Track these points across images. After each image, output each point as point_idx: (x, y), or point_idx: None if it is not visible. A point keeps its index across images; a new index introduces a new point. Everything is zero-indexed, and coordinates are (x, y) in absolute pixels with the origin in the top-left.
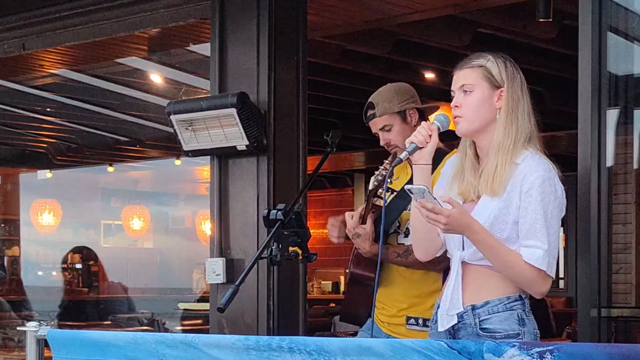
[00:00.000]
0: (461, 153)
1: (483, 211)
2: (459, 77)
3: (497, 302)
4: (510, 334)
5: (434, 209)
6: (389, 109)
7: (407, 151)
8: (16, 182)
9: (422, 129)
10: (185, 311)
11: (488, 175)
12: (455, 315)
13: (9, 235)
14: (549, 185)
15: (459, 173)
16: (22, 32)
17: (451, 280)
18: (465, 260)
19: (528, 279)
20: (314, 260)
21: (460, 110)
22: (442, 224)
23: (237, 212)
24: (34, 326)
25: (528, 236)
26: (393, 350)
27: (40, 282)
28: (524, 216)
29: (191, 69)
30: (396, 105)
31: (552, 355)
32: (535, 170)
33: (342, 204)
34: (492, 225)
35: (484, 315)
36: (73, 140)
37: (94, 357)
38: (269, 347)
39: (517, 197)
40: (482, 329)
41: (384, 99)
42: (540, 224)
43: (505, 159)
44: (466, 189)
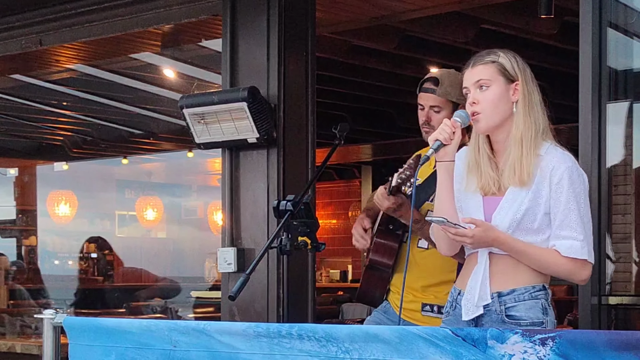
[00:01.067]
0: (474, 148)
1: (511, 204)
2: (473, 73)
3: (523, 291)
4: (535, 322)
5: (457, 233)
6: (450, 94)
7: (432, 149)
8: (33, 174)
9: (445, 127)
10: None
11: (514, 166)
12: (482, 307)
13: (26, 226)
14: (577, 175)
15: (476, 168)
16: (39, 28)
17: (479, 271)
18: (492, 251)
19: (569, 270)
20: (322, 250)
21: (478, 106)
22: (468, 244)
23: (247, 203)
24: (51, 314)
25: (563, 227)
26: (399, 337)
27: (57, 271)
28: (557, 207)
29: (203, 64)
30: (457, 95)
31: (553, 341)
32: (563, 162)
33: (350, 195)
34: (523, 217)
35: (510, 303)
36: (88, 133)
37: (109, 343)
38: (279, 334)
39: (546, 188)
40: (508, 316)
41: (450, 83)
42: (575, 214)
43: (529, 149)
44: (486, 183)
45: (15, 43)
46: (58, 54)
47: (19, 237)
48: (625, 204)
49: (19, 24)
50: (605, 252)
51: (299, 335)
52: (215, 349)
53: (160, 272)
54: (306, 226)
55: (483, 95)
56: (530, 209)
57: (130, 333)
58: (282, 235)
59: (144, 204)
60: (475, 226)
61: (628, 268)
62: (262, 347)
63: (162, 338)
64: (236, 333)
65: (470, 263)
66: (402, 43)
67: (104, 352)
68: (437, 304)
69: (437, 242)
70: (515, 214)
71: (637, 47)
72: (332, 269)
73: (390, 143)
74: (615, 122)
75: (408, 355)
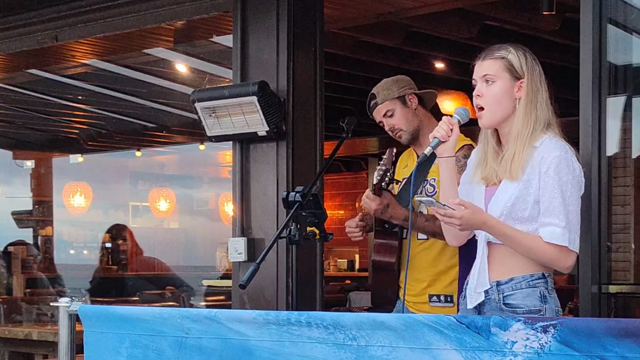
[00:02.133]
0: (483, 141)
1: (503, 194)
2: (482, 67)
3: (521, 279)
4: (532, 310)
5: (446, 214)
6: (389, 95)
7: (431, 146)
8: (49, 166)
9: (443, 124)
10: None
11: (507, 161)
12: (482, 293)
13: (42, 216)
14: (565, 165)
15: (482, 159)
16: (55, 24)
17: (477, 260)
18: (490, 241)
19: (551, 257)
20: (330, 240)
21: (482, 99)
22: (456, 225)
23: (257, 194)
24: (66, 302)
25: (546, 214)
26: (405, 325)
27: (72, 260)
28: (543, 195)
29: (214, 59)
30: (395, 92)
31: (555, 329)
32: (552, 151)
33: (357, 186)
34: (513, 206)
35: (508, 291)
36: (103, 126)
37: (123, 331)
38: (288, 321)
39: (536, 178)
40: (505, 304)
41: (383, 88)
42: (558, 202)
43: (523, 146)
44: (489, 174)
45: (31, 39)
46: (73, 49)
47: (36, 227)
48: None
49: (35, 20)
50: (605, 242)
51: (308, 323)
52: (226, 336)
53: (173, 262)
54: (314, 217)
55: (488, 90)
56: (521, 198)
57: (143, 321)
58: (291, 226)
59: (157, 195)
60: (464, 208)
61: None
62: (271, 334)
63: (174, 325)
64: (246, 321)
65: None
66: (407, 39)
67: (118, 339)
68: (443, 294)
69: (445, 234)
70: (507, 202)
71: (636, 43)
72: (340, 259)
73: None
74: (615, 115)
75: (414, 342)
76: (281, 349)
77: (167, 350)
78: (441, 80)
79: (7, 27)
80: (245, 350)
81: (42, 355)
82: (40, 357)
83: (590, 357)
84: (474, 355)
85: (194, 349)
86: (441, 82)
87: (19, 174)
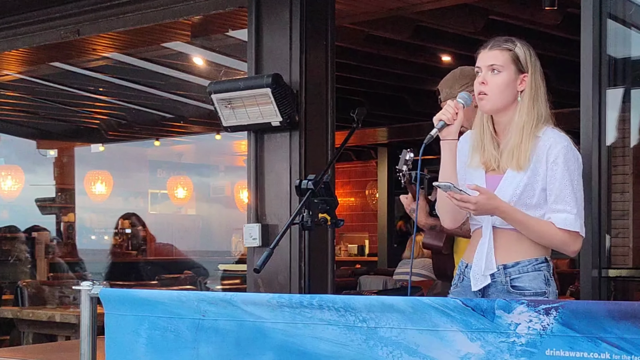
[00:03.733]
0: (479, 127)
1: (510, 184)
2: (489, 56)
3: (527, 263)
4: (538, 292)
5: (462, 199)
6: (450, 94)
7: (436, 128)
8: (72, 155)
9: (449, 108)
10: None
11: (512, 150)
12: (488, 276)
13: (65, 203)
14: (571, 154)
15: (479, 146)
16: (77, 19)
17: (484, 244)
18: (496, 225)
19: (562, 241)
20: (341, 226)
21: (486, 87)
22: (471, 210)
23: (271, 182)
24: (88, 285)
25: (558, 201)
26: (413, 307)
27: (93, 246)
28: (552, 183)
29: (230, 53)
30: (456, 90)
31: (557, 311)
32: (559, 142)
33: (367, 175)
34: (521, 194)
35: (515, 274)
36: (123, 117)
37: (142, 313)
38: (301, 304)
39: (543, 166)
40: (513, 286)
41: (447, 85)
42: (569, 190)
43: (528, 136)
44: (488, 160)
45: (54, 33)
46: (94, 43)
47: (58, 214)
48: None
49: (58, 15)
50: (605, 227)
51: (319, 306)
52: (241, 318)
53: (190, 247)
54: (326, 204)
55: (493, 79)
56: (529, 186)
57: (162, 303)
58: (303, 212)
59: (174, 183)
60: (479, 193)
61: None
62: (285, 316)
63: (191, 308)
64: (261, 303)
65: (475, 238)
66: (415, 33)
67: (137, 321)
68: None
69: (440, 215)
70: (515, 190)
71: (635, 37)
72: (350, 244)
73: (404, 126)
74: (614, 106)
75: (421, 324)
76: (294, 331)
77: (184, 332)
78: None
79: (31, 22)
80: (259, 331)
81: (64, 337)
82: (62, 338)
83: (591, 338)
84: (479, 337)
85: (210, 330)
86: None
87: (43, 162)
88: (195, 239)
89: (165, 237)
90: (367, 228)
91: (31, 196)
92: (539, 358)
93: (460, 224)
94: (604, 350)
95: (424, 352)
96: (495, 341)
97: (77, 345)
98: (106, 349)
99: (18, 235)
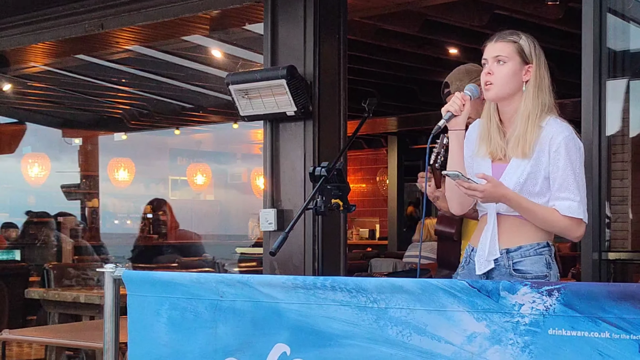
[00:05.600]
0: (486, 118)
1: (515, 172)
2: (495, 48)
3: (529, 247)
4: (539, 275)
5: (470, 187)
6: (460, 87)
7: (444, 119)
8: (96, 143)
9: (456, 99)
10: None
11: (518, 140)
12: (492, 261)
13: (89, 189)
14: (573, 144)
15: (486, 135)
16: (101, 13)
17: (488, 229)
18: (500, 212)
19: (565, 227)
20: (353, 211)
21: (492, 77)
22: (479, 197)
23: (286, 169)
24: (111, 268)
25: (561, 189)
26: (422, 289)
27: (116, 230)
28: (555, 172)
29: (247, 46)
30: (466, 83)
31: (559, 292)
32: (561, 132)
33: (378, 162)
34: (525, 182)
35: (517, 258)
36: (144, 106)
37: (163, 294)
38: (314, 285)
39: (545, 156)
40: (515, 270)
41: (456, 79)
42: (571, 178)
43: (533, 126)
44: (494, 149)
45: (79, 27)
46: (117, 36)
47: (83, 199)
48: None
49: (82, 10)
50: (605, 213)
51: (332, 287)
52: (257, 299)
53: (209, 231)
54: (339, 190)
55: (499, 69)
56: (532, 174)
57: (181, 285)
58: (317, 198)
59: (194, 170)
60: (486, 182)
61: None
62: (299, 297)
63: (210, 289)
64: (276, 285)
65: (482, 223)
66: (423, 27)
67: (158, 302)
68: None
69: (449, 201)
70: (519, 178)
71: (634, 31)
72: (362, 228)
73: (413, 116)
74: (614, 97)
75: (429, 304)
76: (308, 311)
77: (203, 312)
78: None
79: (57, 17)
80: (275, 311)
81: (88, 317)
82: (87, 318)
83: (591, 319)
84: (484, 317)
85: (228, 310)
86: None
87: (68, 150)
88: (213, 223)
89: (185, 222)
90: (378, 213)
91: (57, 183)
92: (542, 337)
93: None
94: (604, 329)
95: (432, 331)
96: (500, 321)
97: (101, 325)
98: (128, 329)
99: (45, 220)
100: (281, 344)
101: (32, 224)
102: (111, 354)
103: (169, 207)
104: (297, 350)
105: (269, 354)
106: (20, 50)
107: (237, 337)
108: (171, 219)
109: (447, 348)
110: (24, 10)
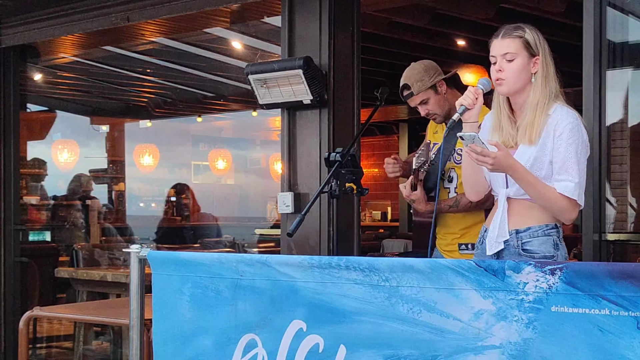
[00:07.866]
0: (496, 109)
1: (522, 157)
2: (502, 45)
3: (537, 228)
4: (547, 256)
5: (482, 152)
6: (422, 86)
7: (458, 112)
8: (122, 130)
9: (469, 93)
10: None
11: (526, 127)
12: (502, 242)
13: (115, 174)
14: (577, 130)
15: (497, 126)
16: (127, 7)
17: (498, 213)
18: (510, 196)
19: (561, 207)
20: (366, 194)
21: (503, 74)
22: (489, 164)
23: (303, 154)
24: (137, 248)
25: (561, 172)
26: (431, 268)
27: (142, 212)
28: (557, 156)
29: (265, 37)
30: (428, 82)
31: (561, 272)
32: (565, 118)
33: (389, 148)
34: (531, 167)
35: (526, 239)
36: (168, 95)
37: (186, 273)
38: (329, 265)
39: (551, 141)
40: (524, 249)
41: (416, 79)
42: (572, 162)
43: (541, 113)
44: (506, 138)
45: (106, 19)
46: (142, 28)
47: (110, 183)
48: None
49: (110, 3)
50: (605, 196)
51: (346, 266)
52: (275, 278)
53: (229, 213)
54: (352, 174)
55: (508, 66)
56: (538, 159)
57: (203, 265)
58: (332, 182)
59: (215, 156)
60: (498, 150)
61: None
62: (315, 276)
63: (230, 269)
64: (293, 264)
65: (495, 207)
66: (433, 20)
67: (181, 281)
68: (471, 242)
69: (465, 189)
70: (526, 163)
71: (633, 23)
72: (374, 210)
73: None
74: (614, 87)
75: (438, 283)
76: (323, 289)
77: (224, 290)
78: (462, 55)
79: (85, 10)
80: (292, 290)
81: (115, 295)
82: (114, 296)
83: (592, 296)
84: (490, 295)
85: (247, 289)
86: (462, 57)
87: (96, 137)
88: (234, 206)
89: (207, 205)
90: (390, 196)
91: (85, 167)
92: (545, 314)
93: (481, 199)
94: (604, 306)
95: (441, 308)
96: (506, 299)
97: (127, 302)
98: (153, 306)
99: (73, 202)
100: (298, 320)
101: (61, 207)
102: (137, 329)
103: (191, 191)
104: (313, 326)
105: (286, 329)
106: (50, 42)
107: (256, 314)
108: (193, 202)
109: (455, 324)
110: (54, 4)
